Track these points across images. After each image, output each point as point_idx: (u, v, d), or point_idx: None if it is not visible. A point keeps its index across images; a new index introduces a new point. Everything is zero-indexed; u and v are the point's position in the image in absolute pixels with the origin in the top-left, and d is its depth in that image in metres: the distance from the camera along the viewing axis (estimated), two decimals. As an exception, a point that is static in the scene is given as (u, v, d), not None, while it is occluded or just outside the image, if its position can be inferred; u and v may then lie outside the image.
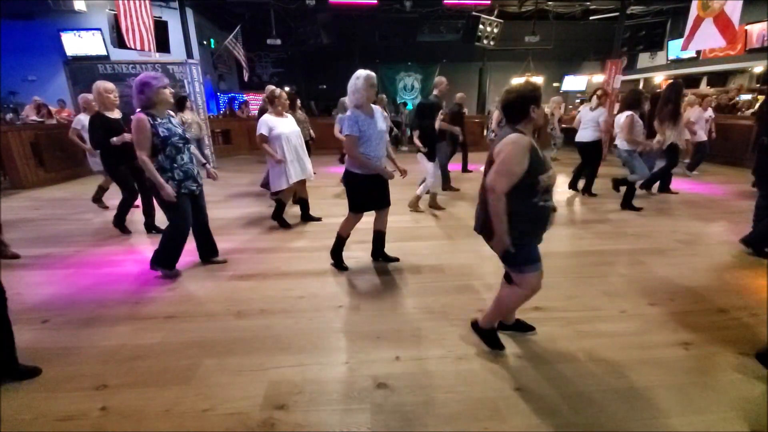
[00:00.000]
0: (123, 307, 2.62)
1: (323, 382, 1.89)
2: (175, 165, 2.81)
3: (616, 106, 9.95)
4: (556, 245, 3.71)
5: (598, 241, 3.79)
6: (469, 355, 2.08)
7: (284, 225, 4.32)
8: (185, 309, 2.60)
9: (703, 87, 12.33)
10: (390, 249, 3.53)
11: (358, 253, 3.45)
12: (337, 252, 3.22)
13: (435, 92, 4.94)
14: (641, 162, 4.68)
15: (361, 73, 2.72)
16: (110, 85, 3.76)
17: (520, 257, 1.82)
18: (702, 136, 6.59)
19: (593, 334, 2.27)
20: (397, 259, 3.34)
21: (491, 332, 2.14)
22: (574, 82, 14.31)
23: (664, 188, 5.67)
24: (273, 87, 4.17)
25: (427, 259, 3.36)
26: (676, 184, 5.87)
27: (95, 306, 2.64)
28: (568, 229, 4.20)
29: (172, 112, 2.93)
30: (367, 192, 2.96)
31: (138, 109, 2.73)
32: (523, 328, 2.26)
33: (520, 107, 1.74)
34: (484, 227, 1.87)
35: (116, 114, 3.80)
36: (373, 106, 2.86)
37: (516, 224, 1.74)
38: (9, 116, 8.08)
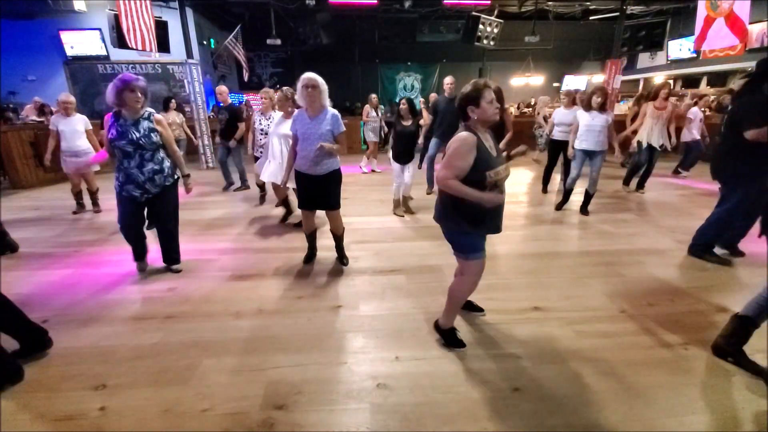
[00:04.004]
0: (122, 307, 2.62)
1: (322, 382, 1.89)
2: (121, 167, 2.79)
3: (617, 107, 10.01)
4: (556, 245, 3.71)
5: (598, 241, 3.79)
6: (469, 356, 2.08)
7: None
8: (184, 309, 2.60)
9: (703, 87, 12.34)
10: (389, 249, 3.53)
11: (356, 252, 3.45)
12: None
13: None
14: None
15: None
16: None
17: (468, 246, 1.95)
18: (696, 134, 6.58)
19: (592, 334, 2.27)
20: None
21: (451, 331, 2.19)
22: (574, 82, 14.29)
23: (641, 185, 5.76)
24: (286, 87, 3.95)
25: (426, 260, 3.35)
26: (677, 182, 5.85)
27: (95, 306, 2.64)
28: (567, 230, 4.20)
29: (157, 114, 2.83)
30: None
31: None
32: (474, 308, 2.51)
33: (461, 108, 1.84)
34: (441, 216, 1.99)
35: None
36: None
37: (465, 215, 1.86)
38: (9, 116, 8.06)
